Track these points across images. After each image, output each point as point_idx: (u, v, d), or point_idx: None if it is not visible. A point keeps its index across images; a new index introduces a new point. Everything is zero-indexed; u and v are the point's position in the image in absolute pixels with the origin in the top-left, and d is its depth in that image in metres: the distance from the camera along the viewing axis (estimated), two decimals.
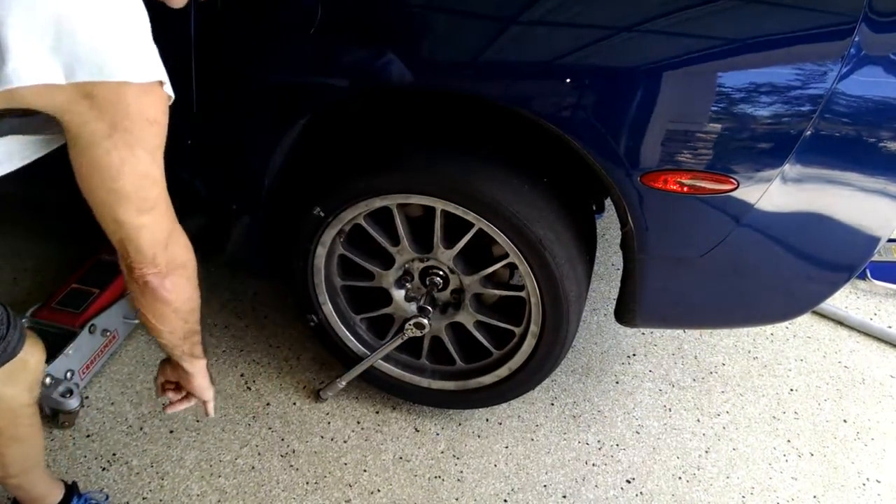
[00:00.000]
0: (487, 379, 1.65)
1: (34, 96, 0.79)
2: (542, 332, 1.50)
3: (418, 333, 1.58)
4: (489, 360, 1.65)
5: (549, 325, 1.48)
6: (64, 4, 0.77)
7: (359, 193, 1.44)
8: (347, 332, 1.71)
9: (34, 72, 0.77)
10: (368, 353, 1.70)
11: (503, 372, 1.62)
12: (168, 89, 0.88)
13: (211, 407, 1.29)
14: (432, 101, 1.49)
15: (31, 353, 1.15)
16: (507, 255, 1.44)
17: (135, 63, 0.82)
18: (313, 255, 1.57)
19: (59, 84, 0.78)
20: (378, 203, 1.44)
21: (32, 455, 1.30)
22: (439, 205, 1.40)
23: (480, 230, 1.41)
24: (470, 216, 1.38)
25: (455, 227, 1.45)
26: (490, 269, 1.50)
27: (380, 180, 1.41)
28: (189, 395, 1.27)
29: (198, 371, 1.21)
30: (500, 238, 1.39)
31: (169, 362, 1.22)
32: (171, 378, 1.25)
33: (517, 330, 1.57)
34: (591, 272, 1.58)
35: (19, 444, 1.25)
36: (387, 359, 1.73)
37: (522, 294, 1.49)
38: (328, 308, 1.67)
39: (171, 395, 1.28)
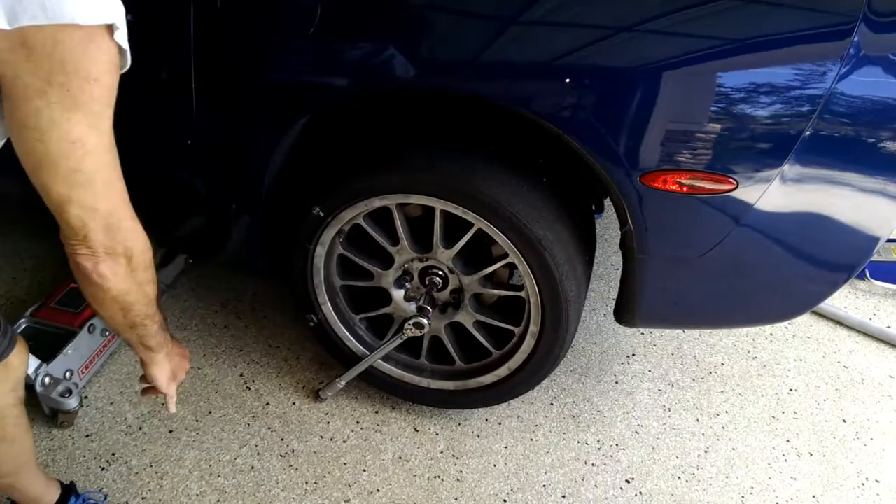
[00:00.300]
0: (487, 379, 1.65)
1: None
2: (542, 332, 1.50)
3: (418, 333, 1.58)
4: (489, 359, 1.65)
5: (549, 325, 1.48)
6: None
7: (358, 193, 1.44)
8: (347, 332, 1.71)
9: None
10: (368, 353, 1.70)
11: (503, 372, 1.62)
12: (120, 38, 0.80)
13: (171, 404, 1.23)
14: (432, 101, 1.49)
15: (14, 354, 1.14)
16: (506, 255, 1.44)
17: (82, 2, 0.75)
18: (313, 255, 1.58)
19: (2, 29, 0.73)
20: (377, 203, 1.44)
21: (21, 455, 1.29)
22: (439, 205, 1.40)
23: (480, 230, 1.41)
24: (469, 216, 1.38)
25: (454, 227, 1.45)
26: (489, 269, 1.50)
27: (379, 180, 1.41)
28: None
29: (150, 362, 1.14)
30: (500, 238, 1.39)
31: None
32: None
33: (517, 330, 1.57)
34: (590, 272, 1.58)
35: (7, 444, 1.24)
36: (386, 359, 1.73)
37: (522, 294, 1.49)
38: (328, 308, 1.67)
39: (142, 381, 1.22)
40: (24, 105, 0.78)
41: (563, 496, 1.64)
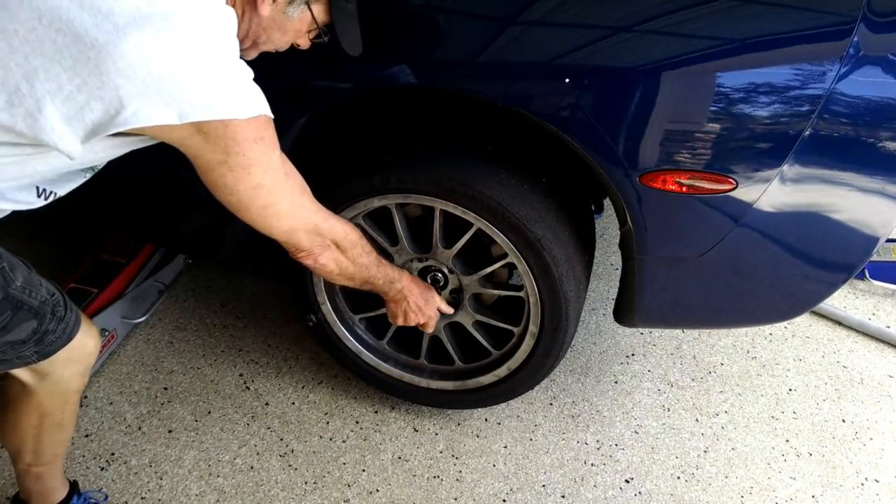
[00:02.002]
0: (486, 379, 1.65)
1: (152, 132, 0.89)
2: (541, 332, 1.50)
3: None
4: (488, 359, 1.65)
5: (548, 325, 1.48)
6: (176, 58, 0.84)
7: (357, 193, 1.44)
8: (346, 332, 1.71)
9: (150, 117, 0.85)
10: (367, 353, 1.70)
11: (502, 372, 1.62)
12: (269, 114, 0.97)
13: (429, 325, 1.52)
14: (432, 101, 1.49)
15: (89, 335, 1.19)
16: (506, 255, 1.44)
17: (239, 101, 0.91)
18: None
19: (175, 124, 0.86)
20: (377, 203, 1.44)
21: (64, 444, 1.34)
22: (438, 204, 1.40)
23: (479, 230, 1.41)
24: (469, 216, 1.38)
25: (454, 227, 1.45)
26: (489, 269, 1.50)
27: (379, 180, 1.40)
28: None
29: (389, 301, 1.45)
30: (500, 238, 1.39)
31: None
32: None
33: (516, 330, 1.57)
34: (589, 272, 1.58)
35: (60, 431, 1.28)
36: (386, 359, 1.73)
37: (521, 294, 1.49)
38: (327, 308, 1.67)
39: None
40: (211, 173, 0.97)
41: (563, 496, 1.64)
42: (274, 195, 1.04)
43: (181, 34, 0.85)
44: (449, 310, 1.55)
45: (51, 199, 1.04)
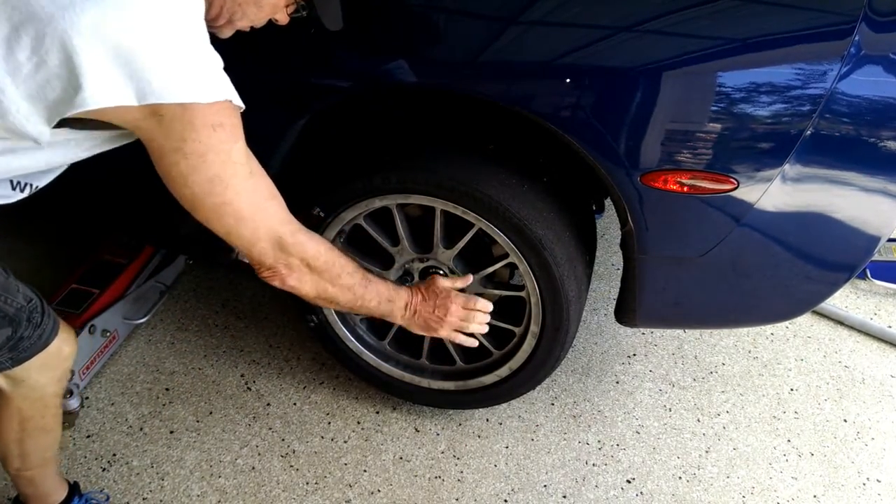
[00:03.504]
0: (487, 379, 1.65)
1: (108, 114, 0.84)
2: (543, 332, 1.50)
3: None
4: (489, 360, 1.65)
5: (550, 325, 1.48)
6: (135, 37, 0.81)
7: (358, 193, 1.43)
8: (347, 333, 1.70)
9: (109, 97, 0.81)
10: (368, 353, 1.70)
11: (503, 372, 1.62)
12: (237, 102, 0.91)
13: (460, 338, 1.34)
14: (432, 101, 1.49)
15: (66, 342, 1.17)
16: (507, 255, 1.44)
17: (201, 85, 0.86)
18: None
19: (132, 105, 0.82)
20: (378, 203, 1.44)
21: (52, 447, 1.33)
22: (439, 205, 1.40)
23: (480, 230, 1.41)
24: (470, 216, 1.38)
25: (455, 227, 1.45)
26: (490, 269, 1.50)
27: (379, 180, 1.40)
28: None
29: (395, 321, 1.28)
30: (500, 238, 1.39)
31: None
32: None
33: (517, 330, 1.57)
34: (591, 272, 1.58)
35: (45, 434, 1.27)
36: (387, 359, 1.73)
37: (522, 294, 1.49)
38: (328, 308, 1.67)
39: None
40: (164, 160, 0.90)
41: (564, 496, 1.64)
42: (231, 192, 0.95)
43: (141, 12, 0.82)
44: (486, 305, 1.34)
45: (33, 191, 1.02)
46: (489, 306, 1.34)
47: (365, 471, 1.67)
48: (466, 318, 1.32)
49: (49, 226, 2.34)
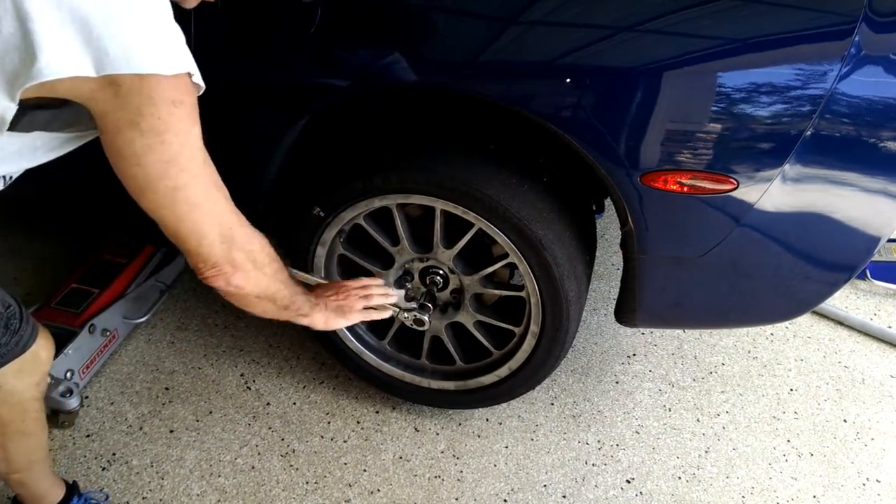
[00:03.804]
0: (487, 379, 1.65)
1: (64, 86, 0.80)
2: (542, 332, 1.50)
3: (416, 327, 1.55)
4: (489, 360, 1.65)
5: (549, 325, 1.48)
6: (93, 1, 0.77)
7: (358, 193, 1.43)
8: (347, 332, 1.70)
9: (65, 66, 0.77)
10: (368, 353, 1.70)
11: (503, 372, 1.62)
12: (197, 79, 0.88)
13: (368, 314, 1.35)
14: (432, 101, 1.49)
15: (43, 347, 1.17)
16: (506, 255, 1.44)
17: (161, 56, 0.82)
18: (313, 255, 1.57)
19: (90, 76, 0.79)
20: (378, 203, 1.44)
21: (37, 450, 1.31)
22: (439, 205, 1.40)
23: (480, 230, 1.41)
24: (470, 216, 1.38)
25: (455, 227, 1.45)
26: (490, 269, 1.50)
27: (379, 180, 1.41)
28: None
29: (315, 323, 1.26)
30: (500, 238, 1.39)
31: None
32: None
33: (517, 330, 1.57)
34: (591, 272, 1.58)
35: (26, 438, 1.26)
36: (387, 359, 1.73)
37: (522, 294, 1.49)
38: None
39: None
40: (118, 137, 0.84)
41: (564, 496, 1.64)
42: (187, 176, 0.89)
43: None
44: (374, 280, 1.41)
45: (7, 181, 0.99)
46: (378, 280, 1.42)
47: (365, 470, 1.67)
48: (366, 292, 1.35)
49: (50, 225, 2.34)
